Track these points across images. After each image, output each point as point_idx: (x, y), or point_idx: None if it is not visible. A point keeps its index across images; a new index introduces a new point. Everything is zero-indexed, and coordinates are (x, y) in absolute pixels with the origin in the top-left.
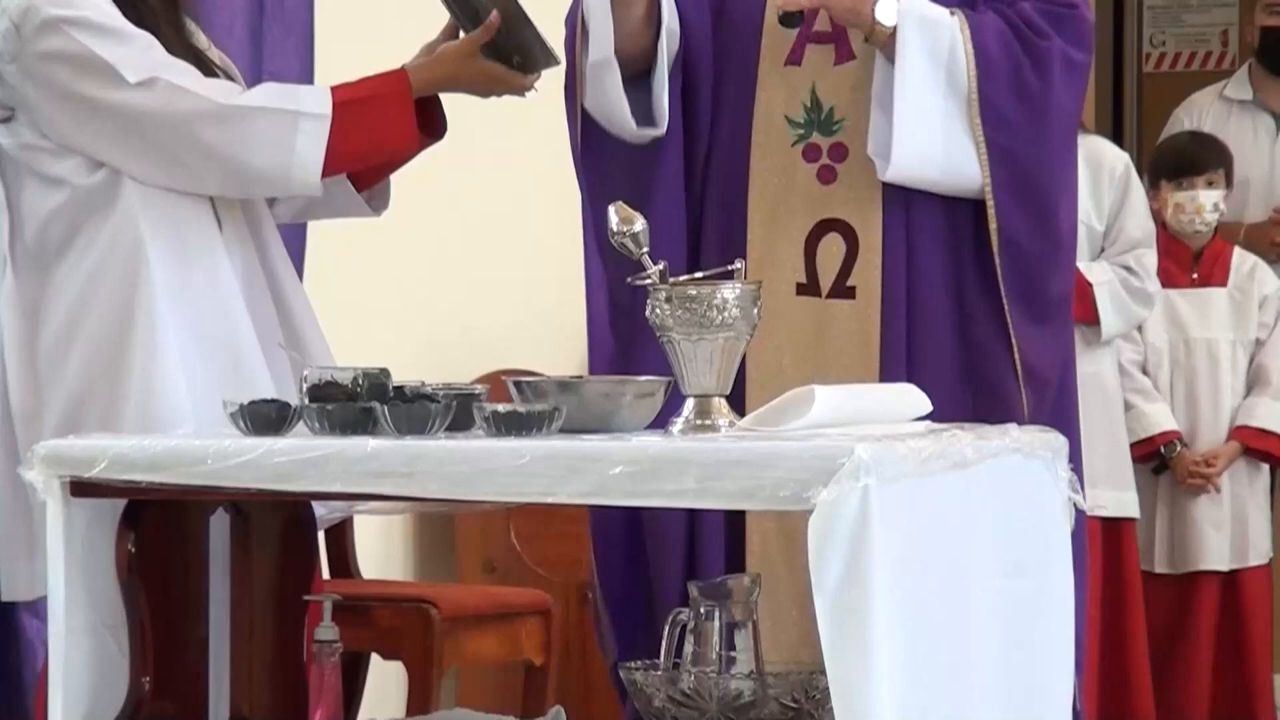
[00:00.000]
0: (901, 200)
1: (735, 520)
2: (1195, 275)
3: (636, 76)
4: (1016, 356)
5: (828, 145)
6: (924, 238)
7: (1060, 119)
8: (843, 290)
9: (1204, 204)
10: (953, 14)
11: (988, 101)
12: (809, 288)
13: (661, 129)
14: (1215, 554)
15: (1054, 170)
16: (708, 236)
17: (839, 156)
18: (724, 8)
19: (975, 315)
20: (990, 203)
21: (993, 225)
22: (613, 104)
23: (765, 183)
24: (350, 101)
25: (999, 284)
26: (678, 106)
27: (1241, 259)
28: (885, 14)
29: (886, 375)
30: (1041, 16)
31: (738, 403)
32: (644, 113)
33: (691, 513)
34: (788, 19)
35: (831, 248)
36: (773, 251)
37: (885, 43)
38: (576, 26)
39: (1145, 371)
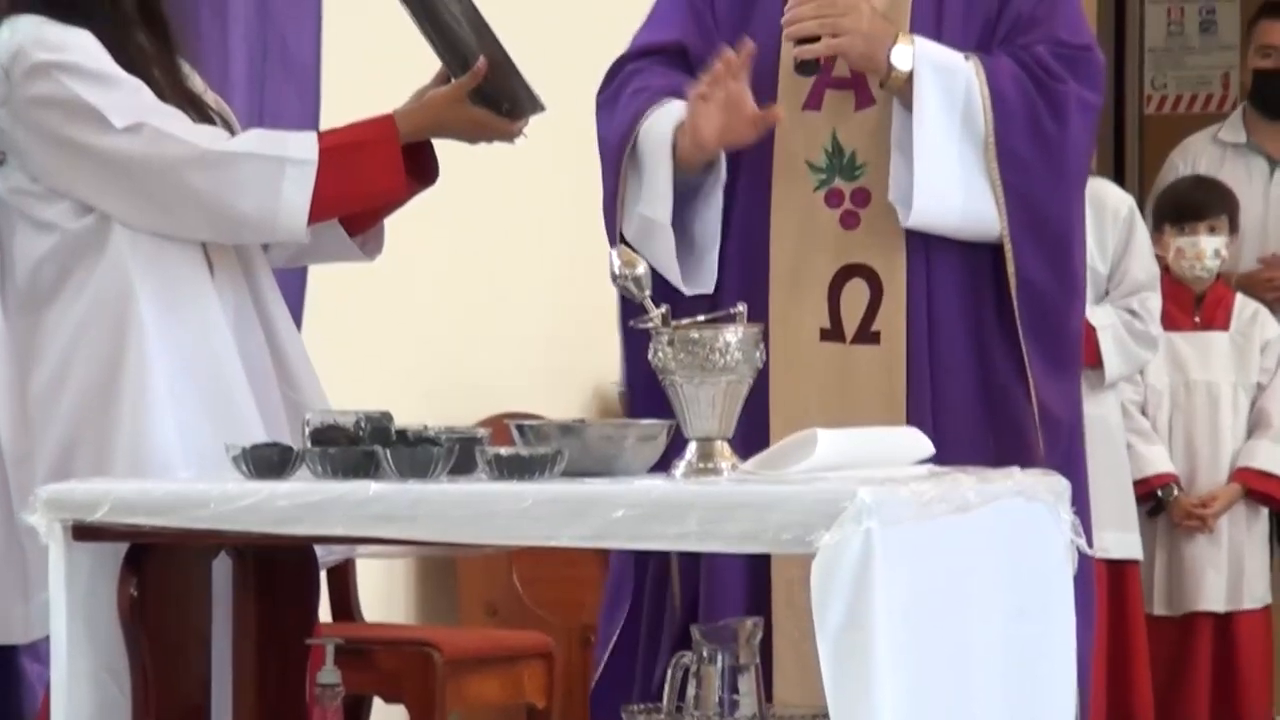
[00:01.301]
0: (923, 245)
1: (758, 564)
2: (1197, 318)
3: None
4: (1034, 398)
5: (850, 190)
6: (945, 282)
7: (1075, 162)
8: (867, 336)
9: (1205, 250)
10: (968, 58)
11: (1005, 146)
12: (833, 333)
13: (708, 288)
14: (1211, 595)
15: (1070, 213)
16: (728, 284)
17: (862, 201)
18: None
19: (995, 358)
20: (1008, 246)
21: (1010, 268)
22: (661, 262)
23: (787, 228)
24: (337, 147)
25: (1017, 327)
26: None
27: (1244, 304)
28: (901, 60)
29: (912, 421)
30: (1056, 59)
31: (763, 450)
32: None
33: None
34: (804, 67)
35: (855, 293)
36: (796, 297)
37: (901, 88)
38: (627, 142)
39: (1145, 413)
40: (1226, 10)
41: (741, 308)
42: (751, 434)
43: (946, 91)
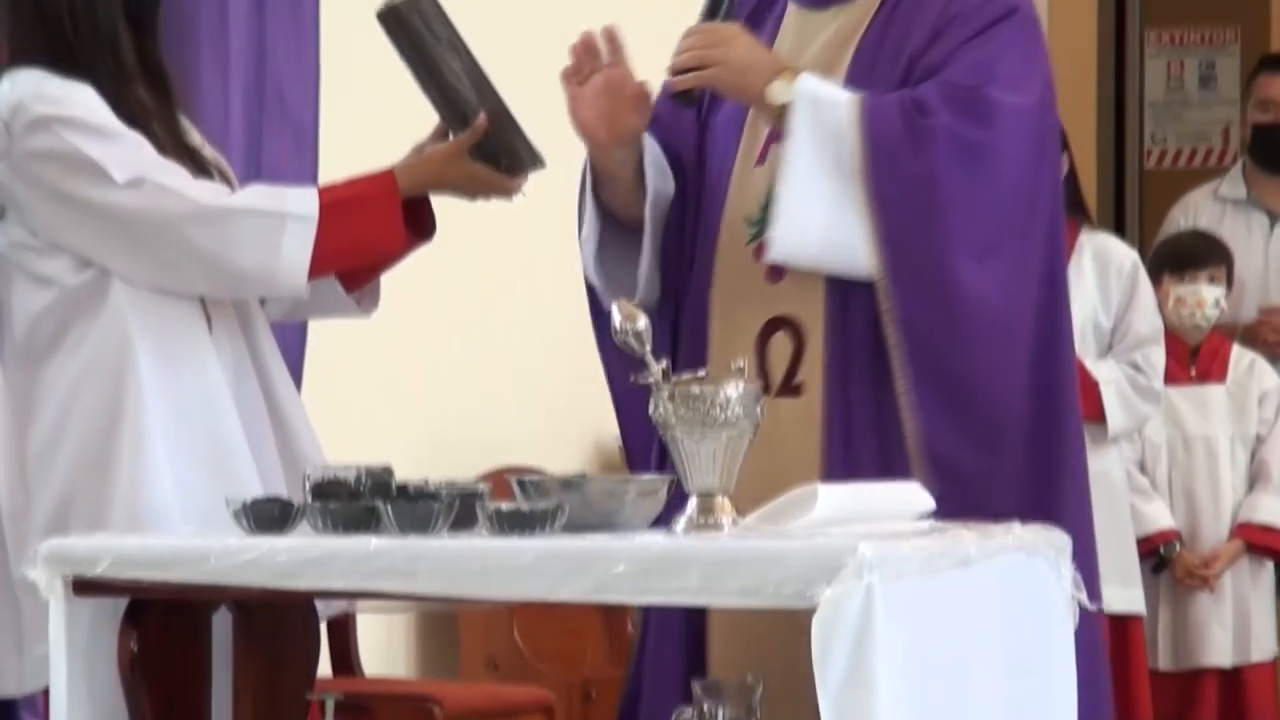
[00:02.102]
0: (841, 293)
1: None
2: (1194, 371)
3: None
4: (916, 440)
5: None
6: (859, 327)
7: (954, 198)
8: (789, 388)
9: (1205, 298)
10: (852, 96)
11: (872, 181)
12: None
13: (643, 297)
14: (1217, 651)
15: (950, 250)
16: (682, 335)
17: None
18: (710, 120)
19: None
20: (880, 283)
21: (883, 305)
22: (591, 278)
23: (724, 282)
24: (337, 203)
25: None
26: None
27: (1240, 355)
28: (777, 93)
29: (828, 470)
30: (937, 96)
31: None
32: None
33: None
34: (679, 97)
35: (780, 345)
36: (730, 351)
37: (775, 122)
38: (583, 185)
39: (1143, 469)
40: (1226, 65)
41: (742, 362)
42: None
43: (818, 125)
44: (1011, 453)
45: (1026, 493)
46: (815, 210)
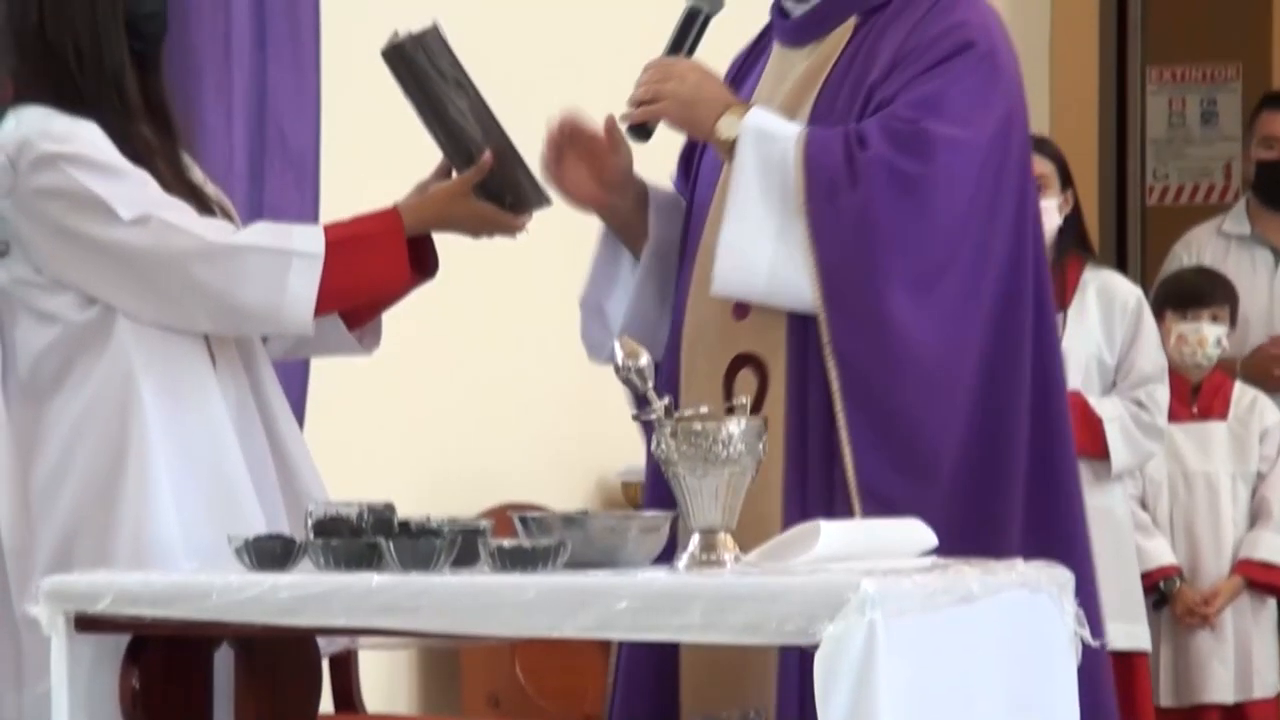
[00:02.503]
0: (801, 331)
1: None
2: (1195, 408)
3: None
4: (854, 473)
5: None
6: (816, 364)
7: (885, 230)
8: None
9: (1207, 337)
10: (802, 129)
11: (812, 216)
12: None
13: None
14: (1220, 687)
15: (882, 283)
16: (662, 374)
17: None
18: (694, 155)
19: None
20: (820, 315)
21: (824, 338)
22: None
23: (694, 319)
24: (343, 240)
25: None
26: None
27: (1242, 392)
28: (726, 128)
29: (785, 505)
30: (877, 129)
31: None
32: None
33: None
34: (632, 131)
35: (746, 382)
36: (698, 388)
37: (727, 156)
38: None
39: (1144, 505)
40: (1228, 101)
41: (743, 400)
42: None
43: (764, 159)
44: (951, 489)
45: (969, 529)
46: (759, 245)
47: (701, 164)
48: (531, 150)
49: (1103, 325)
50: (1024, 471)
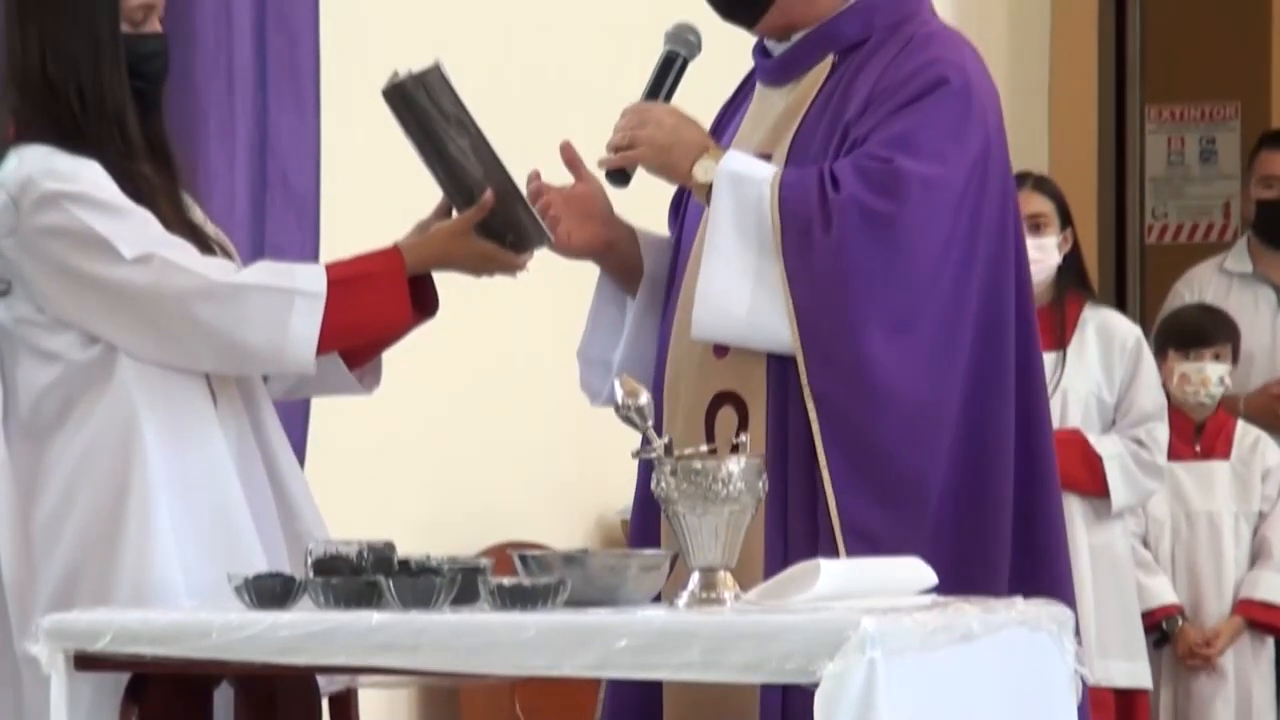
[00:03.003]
0: (780, 370)
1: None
2: (1198, 447)
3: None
4: (833, 510)
5: None
6: (797, 403)
7: (859, 270)
8: None
9: (1210, 376)
10: (777, 170)
11: (787, 257)
12: None
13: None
14: None
15: (853, 324)
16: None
17: None
18: (682, 200)
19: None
20: (798, 357)
21: (803, 379)
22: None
23: (676, 356)
24: (345, 280)
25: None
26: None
27: (1244, 431)
28: (702, 172)
29: (768, 545)
30: (850, 169)
31: None
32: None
33: None
34: (610, 176)
35: (726, 420)
36: (680, 425)
37: (704, 200)
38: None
39: (1146, 544)
40: (1226, 140)
41: (744, 438)
42: None
43: (739, 202)
44: (937, 524)
45: (958, 564)
46: (737, 288)
47: (688, 208)
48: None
49: (1102, 364)
50: (1011, 503)
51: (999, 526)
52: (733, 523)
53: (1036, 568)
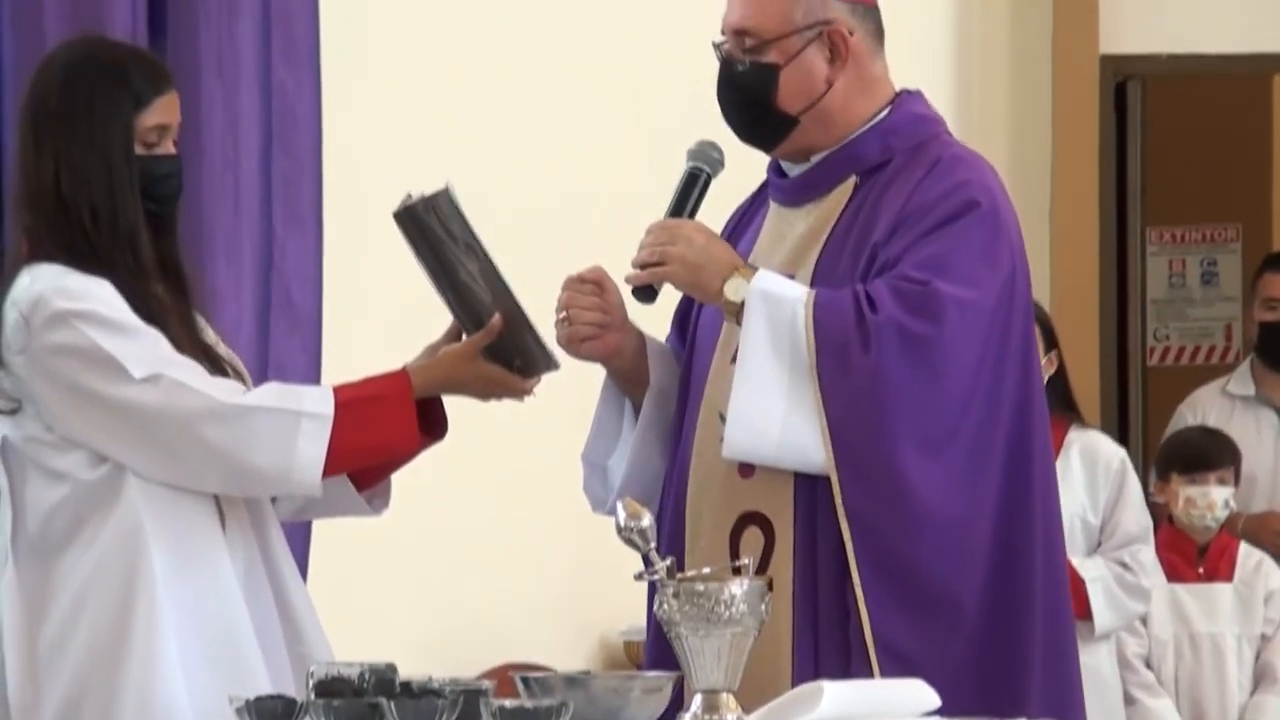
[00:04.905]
0: (809, 491)
1: None
2: (1201, 570)
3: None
4: (866, 628)
5: None
6: (826, 522)
7: (897, 391)
8: None
9: (1215, 500)
10: (809, 291)
11: (823, 377)
12: None
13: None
14: None
15: (889, 445)
16: (663, 527)
17: None
18: (689, 314)
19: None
20: (833, 477)
21: (837, 499)
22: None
23: (699, 476)
24: (352, 402)
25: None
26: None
27: (1248, 554)
28: (733, 291)
29: (796, 663)
30: (887, 290)
31: None
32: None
33: None
34: (638, 293)
35: (752, 541)
36: (704, 545)
37: (734, 319)
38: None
39: (1149, 665)
40: (1228, 262)
41: (746, 560)
42: None
43: (772, 322)
44: (970, 639)
45: (992, 677)
46: (770, 408)
47: (699, 322)
48: (540, 313)
49: (1087, 486)
50: (1041, 614)
51: (1030, 639)
52: (735, 644)
53: (1057, 672)
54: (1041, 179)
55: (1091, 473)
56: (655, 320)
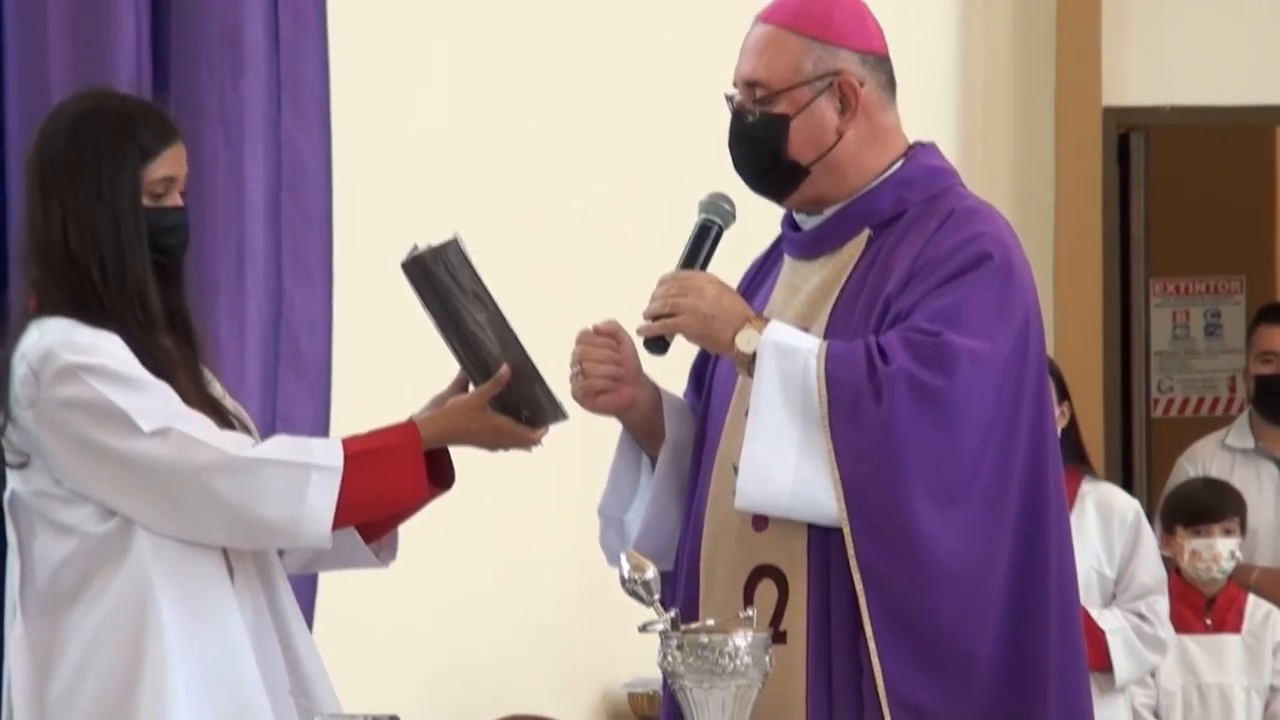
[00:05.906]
0: (823, 544)
1: None
2: (1209, 621)
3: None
4: (879, 682)
5: None
6: (840, 574)
7: (910, 443)
8: (775, 636)
9: (1221, 552)
10: (821, 342)
11: (835, 429)
12: None
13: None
14: None
15: (903, 497)
16: (678, 577)
17: None
18: (705, 367)
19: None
20: (845, 530)
21: (850, 551)
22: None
23: (713, 528)
24: (361, 454)
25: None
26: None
27: (1255, 605)
28: (745, 342)
29: (811, 718)
30: (899, 342)
31: None
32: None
33: None
34: (649, 344)
35: (766, 593)
36: (718, 597)
37: (746, 370)
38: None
39: (1157, 717)
40: (1231, 313)
41: (751, 611)
42: None
43: (784, 375)
44: (986, 692)
45: None
46: (782, 459)
47: (715, 375)
48: (548, 363)
49: (1102, 538)
50: (1057, 669)
51: (1045, 693)
52: (740, 696)
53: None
54: (1045, 230)
55: (1106, 525)
56: (672, 375)
